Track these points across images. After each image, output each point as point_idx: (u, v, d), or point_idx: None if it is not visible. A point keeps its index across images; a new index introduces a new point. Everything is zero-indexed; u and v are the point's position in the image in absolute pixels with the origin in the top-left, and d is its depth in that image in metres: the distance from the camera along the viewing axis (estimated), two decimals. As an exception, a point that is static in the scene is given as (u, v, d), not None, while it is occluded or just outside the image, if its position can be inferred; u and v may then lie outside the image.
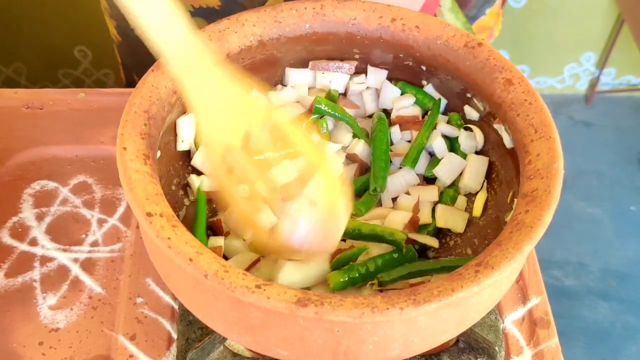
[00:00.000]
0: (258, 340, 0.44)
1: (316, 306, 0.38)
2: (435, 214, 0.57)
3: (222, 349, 0.55)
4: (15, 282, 0.60)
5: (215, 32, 0.53)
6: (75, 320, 0.58)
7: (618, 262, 1.59)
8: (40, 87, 1.47)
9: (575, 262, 1.59)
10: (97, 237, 0.64)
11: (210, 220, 0.55)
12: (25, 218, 0.65)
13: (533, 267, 0.63)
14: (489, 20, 0.79)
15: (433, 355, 0.56)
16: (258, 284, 0.39)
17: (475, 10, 0.76)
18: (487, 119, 0.56)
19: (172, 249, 0.40)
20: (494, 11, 0.79)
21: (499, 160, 0.56)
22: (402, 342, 0.42)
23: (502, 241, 0.42)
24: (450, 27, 0.54)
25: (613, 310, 1.51)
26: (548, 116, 0.48)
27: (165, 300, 0.60)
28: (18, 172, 0.68)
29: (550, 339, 0.58)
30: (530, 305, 0.60)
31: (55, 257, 0.62)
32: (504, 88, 0.51)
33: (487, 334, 0.56)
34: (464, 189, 0.57)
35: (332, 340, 0.41)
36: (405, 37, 0.54)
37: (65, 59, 1.46)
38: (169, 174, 0.54)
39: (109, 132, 0.70)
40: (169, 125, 0.53)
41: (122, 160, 0.44)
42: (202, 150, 0.56)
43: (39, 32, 1.39)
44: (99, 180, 0.68)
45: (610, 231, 1.65)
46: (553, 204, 0.44)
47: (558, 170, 0.45)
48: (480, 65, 0.52)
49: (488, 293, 0.45)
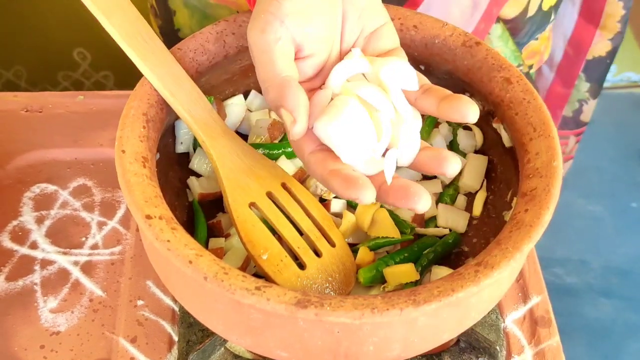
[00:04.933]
0: (258, 341, 0.44)
1: (316, 307, 0.38)
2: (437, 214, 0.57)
3: (222, 350, 0.55)
4: (16, 286, 0.60)
5: (213, 33, 0.53)
6: (76, 323, 0.58)
7: (619, 259, 1.59)
8: (40, 89, 1.47)
9: (576, 259, 1.59)
10: (97, 240, 0.64)
11: (211, 222, 0.55)
12: (25, 221, 0.65)
13: (533, 265, 0.63)
14: (539, 45, 0.78)
15: (434, 355, 0.56)
16: (258, 285, 0.39)
17: (528, 37, 0.75)
18: (486, 118, 0.56)
19: (171, 251, 0.40)
20: (545, 35, 0.78)
21: (498, 159, 0.56)
22: (402, 342, 0.42)
23: (502, 240, 0.42)
24: (448, 27, 0.54)
25: (615, 307, 1.50)
26: (547, 115, 0.48)
27: (166, 302, 0.60)
28: (18, 176, 0.68)
29: (551, 338, 0.58)
30: (531, 304, 0.60)
31: (55, 261, 0.62)
32: (503, 87, 0.51)
33: (488, 334, 0.56)
34: (464, 188, 0.57)
35: (332, 342, 0.41)
36: (403, 37, 0.54)
37: (65, 61, 1.46)
38: (168, 176, 0.54)
39: (108, 135, 0.70)
40: (168, 127, 0.53)
41: (121, 162, 0.44)
42: (200, 152, 0.56)
43: (38, 34, 1.39)
44: (98, 183, 0.68)
45: (611, 228, 1.65)
46: (552, 203, 0.44)
47: (557, 168, 0.45)
48: (479, 64, 0.52)
49: (488, 292, 0.45)
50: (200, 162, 0.56)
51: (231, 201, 0.48)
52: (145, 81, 0.49)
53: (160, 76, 0.48)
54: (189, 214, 0.55)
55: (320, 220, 0.51)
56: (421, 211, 0.41)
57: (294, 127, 0.43)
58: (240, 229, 0.48)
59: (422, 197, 0.41)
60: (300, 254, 0.49)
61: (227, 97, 0.58)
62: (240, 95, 0.59)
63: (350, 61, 0.46)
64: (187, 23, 0.72)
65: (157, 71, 0.48)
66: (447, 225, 0.56)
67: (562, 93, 0.90)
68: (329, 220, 0.52)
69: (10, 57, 1.45)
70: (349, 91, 0.45)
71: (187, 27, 0.73)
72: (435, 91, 0.45)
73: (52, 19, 1.37)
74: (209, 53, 0.53)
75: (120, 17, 0.48)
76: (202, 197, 0.55)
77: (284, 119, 0.44)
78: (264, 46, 0.44)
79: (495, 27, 0.71)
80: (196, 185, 0.56)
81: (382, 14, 0.49)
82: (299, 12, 0.44)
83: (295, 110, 0.43)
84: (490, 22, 0.69)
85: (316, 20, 0.45)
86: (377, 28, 0.48)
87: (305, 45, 0.46)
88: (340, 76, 0.46)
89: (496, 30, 0.71)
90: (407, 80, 0.45)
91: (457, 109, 0.43)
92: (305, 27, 0.45)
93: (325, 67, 0.47)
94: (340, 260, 0.50)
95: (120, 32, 0.48)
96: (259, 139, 0.57)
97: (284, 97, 0.43)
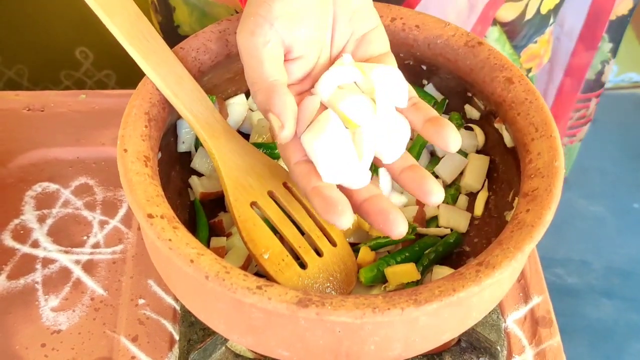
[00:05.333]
0: (259, 341, 0.44)
1: (317, 307, 0.38)
2: (438, 214, 0.57)
3: (224, 350, 0.55)
4: (18, 284, 0.60)
5: (215, 32, 0.53)
6: (77, 322, 0.58)
7: (621, 259, 1.59)
8: (42, 88, 1.47)
9: (577, 260, 1.58)
10: (99, 238, 0.64)
11: (212, 221, 0.55)
12: (27, 220, 0.65)
13: (535, 265, 0.62)
14: (539, 48, 0.78)
15: (435, 355, 0.56)
16: (259, 285, 0.39)
17: (526, 40, 0.75)
18: (487, 118, 0.56)
19: (173, 250, 0.40)
20: (545, 39, 0.78)
21: (500, 159, 0.55)
22: (403, 342, 0.42)
23: (503, 240, 0.42)
24: (450, 26, 0.54)
25: (616, 308, 1.50)
26: (548, 115, 0.48)
27: (167, 301, 0.60)
28: (19, 174, 0.68)
29: (552, 338, 0.58)
30: (532, 304, 0.60)
31: (57, 259, 0.62)
32: (505, 87, 0.51)
33: (488, 334, 0.56)
34: (465, 188, 0.57)
35: (334, 341, 0.41)
36: (405, 37, 0.54)
37: (67, 60, 1.46)
38: (169, 175, 0.54)
39: (110, 134, 0.70)
40: (170, 126, 0.53)
41: (123, 162, 0.44)
42: (202, 152, 0.56)
43: (40, 33, 1.39)
44: (100, 182, 0.68)
45: (613, 229, 1.65)
46: (554, 203, 0.44)
47: (559, 169, 0.45)
48: (481, 64, 0.52)
49: (489, 292, 0.45)
50: (202, 161, 0.56)
51: (233, 200, 0.48)
52: (147, 80, 0.49)
53: (162, 75, 0.48)
54: (191, 213, 0.56)
55: (321, 220, 0.51)
56: (396, 238, 0.42)
57: (282, 132, 0.43)
58: (241, 228, 0.48)
59: (400, 225, 0.41)
60: (301, 254, 0.49)
61: (229, 97, 0.58)
62: (242, 95, 0.59)
63: (341, 68, 0.46)
64: (187, 20, 0.72)
65: (159, 70, 0.48)
66: (449, 225, 0.56)
67: (585, 58, 0.90)
68: None
69: (12, 55, 1.45)
70: (334, 104, 0.45)
71: (187, 24, 0.73)
72: (423, 109, 0.45)
73: (55, 17, 1.37)
74: (211, 52, 0.53)
75: (123, 16, 0.48)
76: (203, 196, 0.55)
77: (272, 123, 0.44)
78: (253, 49, 0.44)
79: (492, 30, 0.71)
80: (198, 184, 0.56)
81: (373, 16, 0.48)
82: (289, 15, 0.44)
83: (282, 114, 0.43)
84: (486, 24, 0.69)
85: (306, 23, 0.45)
86: (367, 31, 0.48)
87: (295, 48, 0.45)
88: (330, 83, 0.46)
89: (493, 33, 0.71)
90: (398, 89, 0.45)
91: (441, 135, 0.43)
92: (295, 29, 0.45)
93: (315, 69, 0.47)
94: (342, 260, 0.51)
95: (122, 32, 0.48)
96: (261, 138, 0.57)
97: (272, 101, 0.43)
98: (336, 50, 0.48)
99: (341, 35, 0.47)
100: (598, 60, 0.91)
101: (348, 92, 0.46)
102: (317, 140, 0.43)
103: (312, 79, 0.47)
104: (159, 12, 0.75)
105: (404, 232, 0.41)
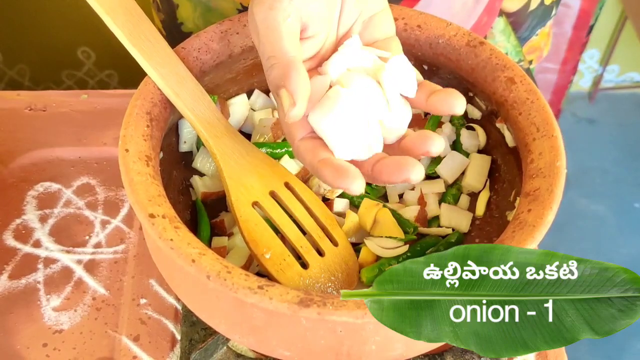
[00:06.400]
0: (261, 340, 0.44)
1: (318, 307, 0.38)
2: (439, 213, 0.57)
3: (225, 349, 0.55)
4: (19, 284, 0.60)
5: (217, 32, 0.53)
6: (79, 321, 0.58)
7: (622, 259, 1.59)
8: (44, 88, 1.47)
9: (579, 259, 1.58)
10: (101, 238, 0.64)
11: (214, 221, 0.55)
12: (29, 220, 0.65)
13: (536, 265, 0.62)
14: (539, 41, 0.78)
15: (436, 355, 0.56)
16: (260, 284, 0.39)
17: (528, 31, 0.74)
18: (489, 118, 0.56)
19: (174, 250, 0.40)
20: (545, 31, 0.78)
21: (502, 159, 0.55)
22: (404, 341, 0.42)
23: (505, 240, 0.42)
24: (452, 26, 0.54)
25: (618, 307, 1.50)
26: (550, 115, 0.48)
27: (169, 301, 0.60)
28: (21, 174, 0.68)
29: (554, 338, 0.58)
30: (533, 303, 0.60)
31: (58, 259, 0.62)
32: (506, 87, 0.51)
33: (490, 333, 0.56)
34: (467, 188, 0.57)
35: (335, 341, 0.41)
36: (407, 37, 0.54)
37: (69, 60, 1.46)
38: (171, 175, 0.54)
39: (111, 134, 0.71)
40: (171, 126, 0.53)
41: (125, 162, 0.44)
42: (203, 152, 0.56)
43: (42, 33, 1.39)
44: (102, 181, 0.68)
45: (614, 228, 1.65)
46: (555, 203, 0.44)
47: (560, 168, 0.45)
48: (482, 64, 0.52)
49: (491, 292, 0.45)
50: (204, 161, 0.56)
51: (234, 200, 0.48)
52: (149, 80, 0.49)
53: (163, 75, 0.48)
54: (192, 213, 0.56)
55: (323, 220, 0.51)
56: (415, 182, 0.41)
57: (292, 110, 0.42)
58: (243, 228, 0.48)
59: (415, 167, 0.40)
60: (303, 253, 0.49)
61: (231, 96, 0.58)
62: (243, 95, 0.59)
63: (352, 51, 0.46)
64: (190, 16, 0.72)
65: (160, 70, 0.48)
66: (450, 225, 0.56)
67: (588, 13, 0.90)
68: (332, 220, 0.52)
69: (14, 55, 1.45)
70: (345, 82, 0.45)
71: (190, 21, 0.73)
72: (426, 85, 0.45)
73: (56, 17, 1.37)
74: (213, 52, 0.53)
75: (125, 16, 0.48)
76: (205, 196, 0.55)
77: (282, 100, 0.43)
78: (272, 23, 0.43)
79: (498, 21, 0.71)
80: (199, 184, 0.56)
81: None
82: None
83: (296, 93, 0.42)
84: (493, 15, 0.69)
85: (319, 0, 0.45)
86: (375, 14, 0.48)
87: (310, 25, 0.45)
88: (340, 64, 0.46)
89: (499, 24, 0.71)
90: (407, 80, 0.45)
91: (445, 101, 0.43)
92: (311, 6, 0.44)
93: (322, 49, 0.47)
94: (343, 260, 0.51)
95: (124, 32, 0.48)
96: (262, 138, 0.57)
97: (289, 78, 0.42)
98: (343, 31, 0.47)
99: (349, 15, 0.47)
100: None
101: (357, 74, 0.46)
102: (328, 116, 0.43)
103: (318, 58, 0.47)
104: (162, 10, 0.75)
105: (421, 175, 0.40)
